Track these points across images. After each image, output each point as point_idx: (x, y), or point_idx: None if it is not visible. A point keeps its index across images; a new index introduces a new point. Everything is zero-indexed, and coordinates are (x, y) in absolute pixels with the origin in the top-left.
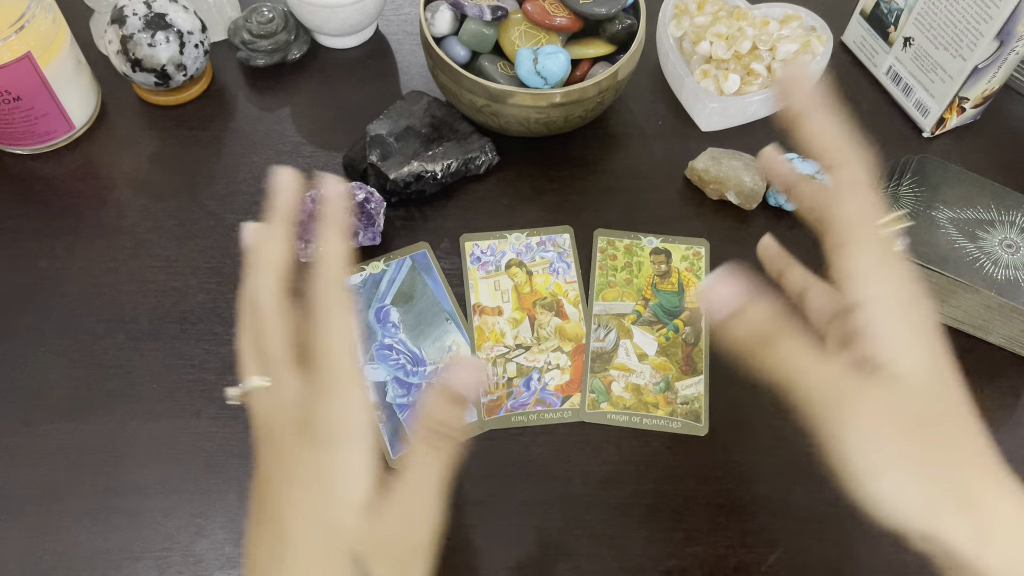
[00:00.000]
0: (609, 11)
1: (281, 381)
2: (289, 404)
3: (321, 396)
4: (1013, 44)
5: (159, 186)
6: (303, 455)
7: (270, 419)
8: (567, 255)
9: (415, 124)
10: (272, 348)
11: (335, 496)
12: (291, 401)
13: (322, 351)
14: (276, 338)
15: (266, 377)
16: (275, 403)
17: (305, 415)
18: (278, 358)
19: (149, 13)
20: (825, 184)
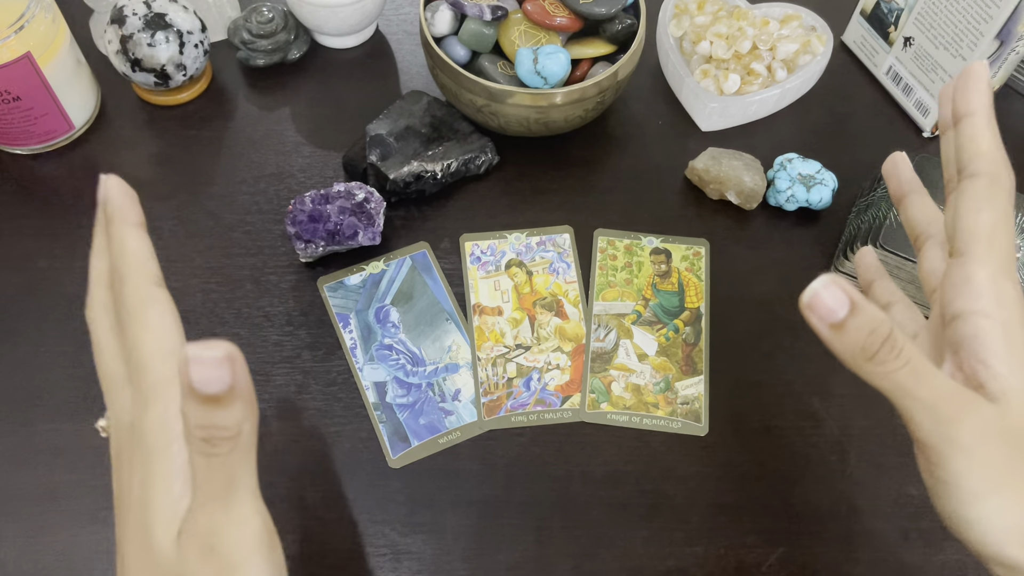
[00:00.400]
0: (609, 11)
1: (115, 400)
2: (117, 424)
3: (138, 406)
4: (1013, 44)
5: (159, 186)
6: (132, 476)
7: (114, 442)
8: (567, 255)
9: (415, 124)
10: (104, 367)
11: (154, 518)
12: (120, 420)
13: (135, 357)
14: (106, 355)
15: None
16: (115, 424)
17: (129, 428)
18: (110, 376)
19: (149, 13)
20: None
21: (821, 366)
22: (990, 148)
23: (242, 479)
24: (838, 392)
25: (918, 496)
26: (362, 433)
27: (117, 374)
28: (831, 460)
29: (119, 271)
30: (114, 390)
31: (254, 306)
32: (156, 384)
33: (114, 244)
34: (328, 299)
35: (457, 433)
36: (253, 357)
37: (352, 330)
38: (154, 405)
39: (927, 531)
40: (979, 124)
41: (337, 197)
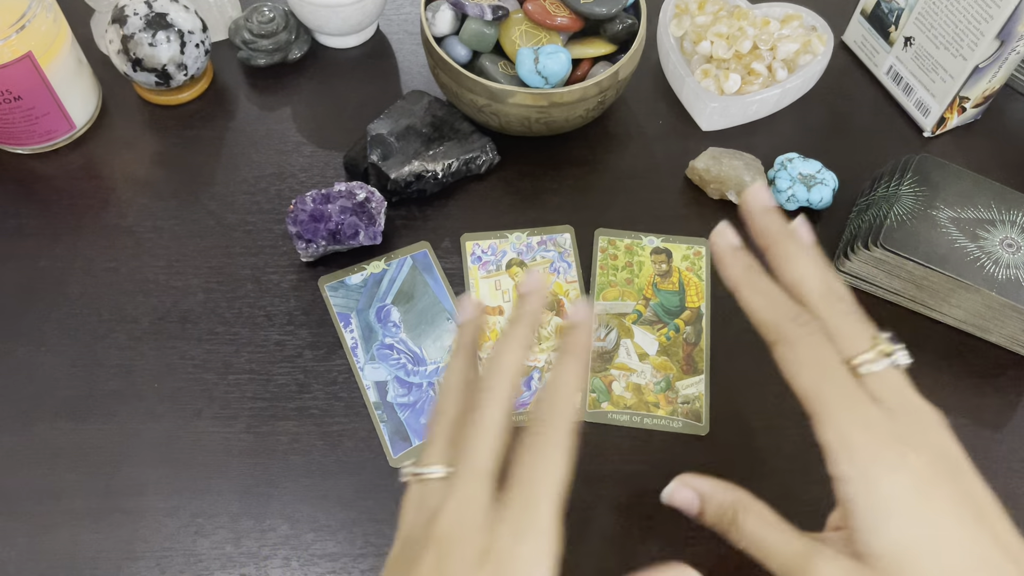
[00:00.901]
0: (610, 11)
1: (473, 493)
2: (473, 521)
3: (514, 532)
4: (1014, 44)
5: (160, 186)
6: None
7: (443, 524)
8: (568, 255)
9: (416, 124)
10: (478, 457)
11: None
12: (476, 519)
13: (527, 484)
14: (485, 448)
15: (451, 470)
16: (456, 511)
17: (488, 542)
18: (482, 468)
19: (150, 13)
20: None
21: None
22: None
23: None
24: None
25: None
26: (363, 432)
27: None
28: None
29: (552, 402)
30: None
31: (255, 305)
32: (538, 520)
33: (561, 375)
34: (329, 298)
35: None
36: (254, 357)
37: (353, 329)
38: (529, 543)
39: None
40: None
41: (338, 197)
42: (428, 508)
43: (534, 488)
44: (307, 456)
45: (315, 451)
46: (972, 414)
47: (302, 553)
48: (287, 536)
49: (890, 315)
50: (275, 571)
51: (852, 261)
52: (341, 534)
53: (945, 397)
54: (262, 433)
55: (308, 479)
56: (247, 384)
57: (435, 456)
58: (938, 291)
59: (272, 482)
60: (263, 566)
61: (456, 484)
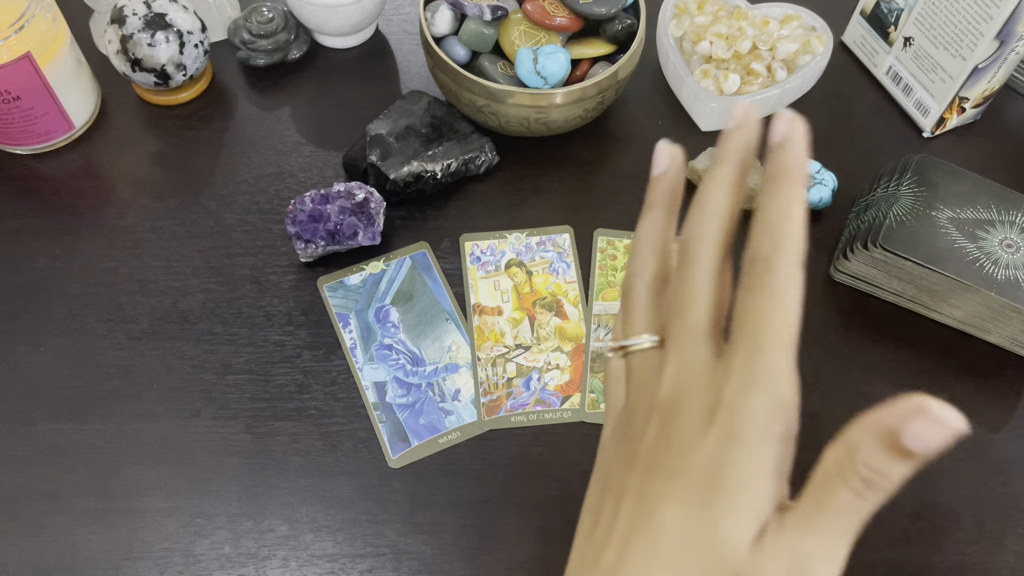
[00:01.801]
0: (609, 11)
1: (693, 352)
2: (698, 380)
3: (747, 385)
4: (1013, 44)
5: (159, 186)
6: (703, 445)
7: (664, 389)
8: (567, 255)
9: (415, 124)
10: (695, 314)
11: (735, 505)
12: (702, 378)
13: (757, 330)
14: (702, 303)
15: (656, 339)
16: (677, 373)
17: (715, 400)
18: (697, 326)
19: (149, 13)
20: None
21: (821, 366)
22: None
23: (857, 526)
24: (838, 392)
25: (918, 496)
26: (362, 433)
27: (706, 325)
28: None
29: (775, 234)
30: (695, 340)
31: (254, 306)
32: (771, 373)
33: (778, 202)
34: (328, 299)
35: (457, 433)
36: (253, 357)
37: (352, 330)
38: (762, 393)
39: (927, 531)
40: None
41: (337, 197)
42: (642, 379)
43: (765, 333)
44: (306, 457)
45: (314, 452)
46: (972, 414)
47: (301, 554)
48: (286, 536)
49: (889, 316)
50: (274, 571)
51: (851, 261)
52: (340, 535)
53: (945, 397)
54: (261, 433)
55: (307, 479)
56: (246, 384)
57: (639, 325)
58: (937, 291)
59: (271, 482)
60: (262, 567)
61: (673, 346)
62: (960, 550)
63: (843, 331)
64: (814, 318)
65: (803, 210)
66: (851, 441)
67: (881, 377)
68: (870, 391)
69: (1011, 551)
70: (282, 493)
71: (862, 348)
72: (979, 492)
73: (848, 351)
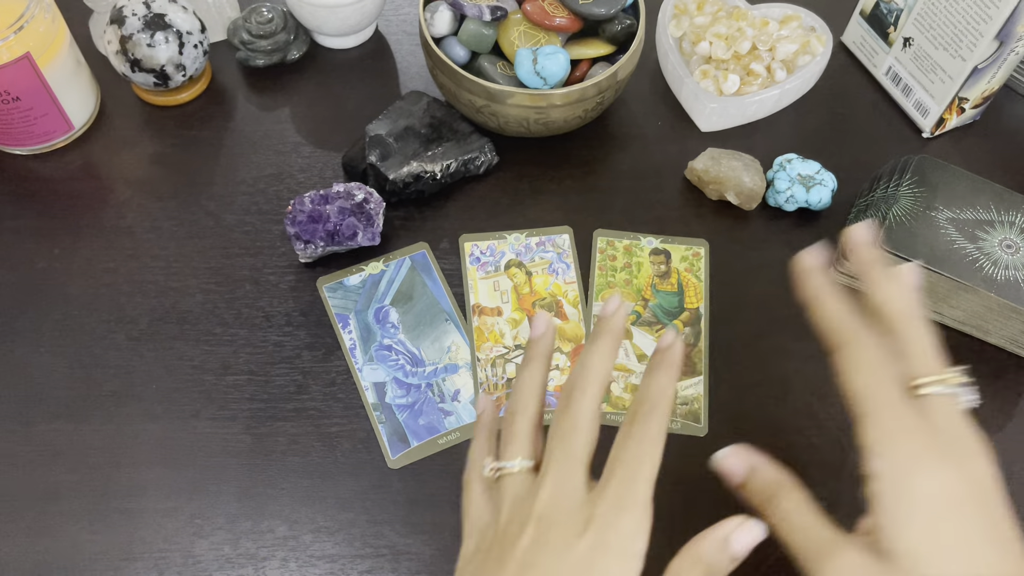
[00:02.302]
0: (609, 11)
1: (571, 475)
2: (573, 499)
3: (619, 507)
4: (1013, 44)
5: (159, 186)
6: (578, 549)
7: (542, 503)
8: (566, 255)
9: (414, 124)
10: (576, 445)
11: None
12: (577, 497)
13: (628, 465)
14: (582, 438)
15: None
16: (555, 491)
17: (589, 515)
18: (577, 455)
19: (148, 13)
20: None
21: (821, 366)
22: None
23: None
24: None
25: None
26: (361, 433)
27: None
28: (831, 460)
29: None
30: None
31: (254, 306)
32: (638, 502)
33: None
34: (327, 299)
35: (456, 433)
36: (252, 357)
37: (351, 330)
38: (630, 515)
39: None
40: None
41: (336, 197)
42: (517, 495)
43: (635, 469)
44: (305, 457)
45: (313, 452)
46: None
47: (300, 554)
48: (285, 537)
49: None
50: (273, 572)
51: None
52: (339, 535)
53: None
54: (260, 434)
55: (306, 480)
56: (245, 385)
57: (520, 451)
58: (937, 292)
59: (270, 483)
60: (261, 567)
61: (553, 469)
62: None
63: None
64: None
65: (674, 388)
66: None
67: None
68: None
69: None
70: (281, 494)
71: None
72: None
73: None
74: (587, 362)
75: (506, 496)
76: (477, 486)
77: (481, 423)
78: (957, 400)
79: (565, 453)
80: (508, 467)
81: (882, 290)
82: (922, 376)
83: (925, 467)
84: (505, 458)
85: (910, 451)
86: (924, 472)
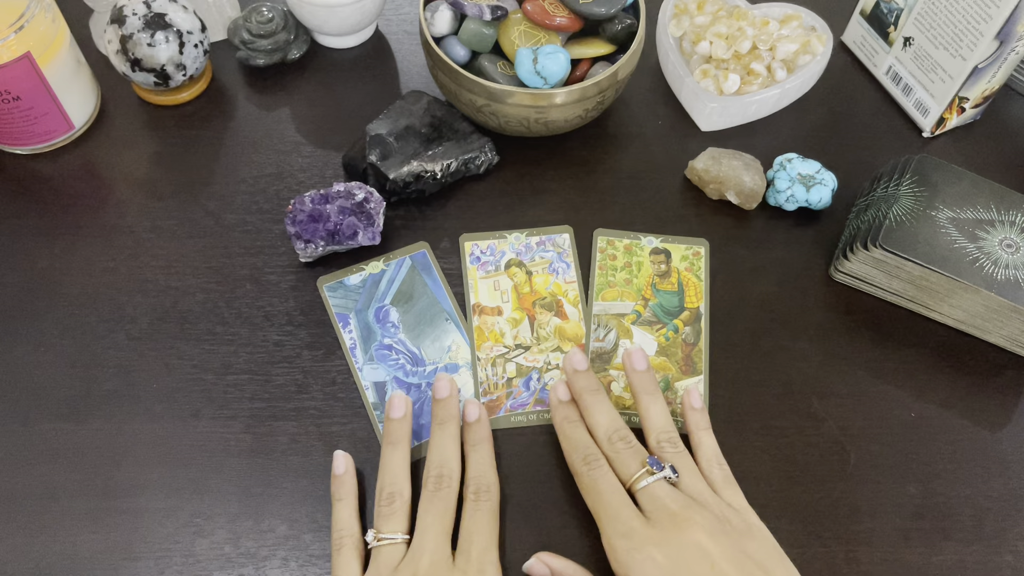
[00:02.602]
0: (609, 11)
1: (443, 547)
2: (444, 567)
3: (478, 571)
4: (1013, 44)
5: (159, 186)
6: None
7: (423, 572)
8: (567, 255)
9: (415, 124)
10: (445, 524)
11: None
12: (447, 565)
13: (483, 535)
14: (451, 519)
15: (407, 536)
16: (432, 562)
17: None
18: (447, 531)
19: (148, 13)
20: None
21: (821, 366)
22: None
23: None
24: (838, 392)
25: (918, 496)
26: (361, 433)
27: (449, 528)
28: (831, 460)
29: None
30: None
31: (254, 306)
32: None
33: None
34: (328, 299)
35: None
36: (252, 357)
37: (352, 330)
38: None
39: (927, 531)
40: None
41: (337, 197)
42: (392, 560)
43: (487, 537)
44: (306, 457)
45: (314, 452)
46: (972, 414)
47: (300, 554)
48: (286, 536)
49: (889, 316)
50: (273, 571)
51: (851, 261)
52: None
53: (944, 397)
54: (261, 433)
55: (307, 479)
56: (246, 384)
57: (398, 526)
58: (937, 291)
59: (271, 482)
60: (261, 567)
61: (430, 541)
62: (960, 550)
63: (843, 331)
64: (814, 318)
65: (492, 461)
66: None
67: (881, 377)
68: (870, 391)
69: (1011, 551)
70: (282, 493)
71: (862, 348)
72: (979, 492)
73: (848, 351)
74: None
75: (385, 563)
76: (350, 552)
77: (346, 488)
78: (668, 479)
79: (439, 528)
80: (391, 539)
81: (588, 418)
82: (630, 477)
83: (639, 560)
84: (387, 531)
85: (627, 550)
86: (639, 564)
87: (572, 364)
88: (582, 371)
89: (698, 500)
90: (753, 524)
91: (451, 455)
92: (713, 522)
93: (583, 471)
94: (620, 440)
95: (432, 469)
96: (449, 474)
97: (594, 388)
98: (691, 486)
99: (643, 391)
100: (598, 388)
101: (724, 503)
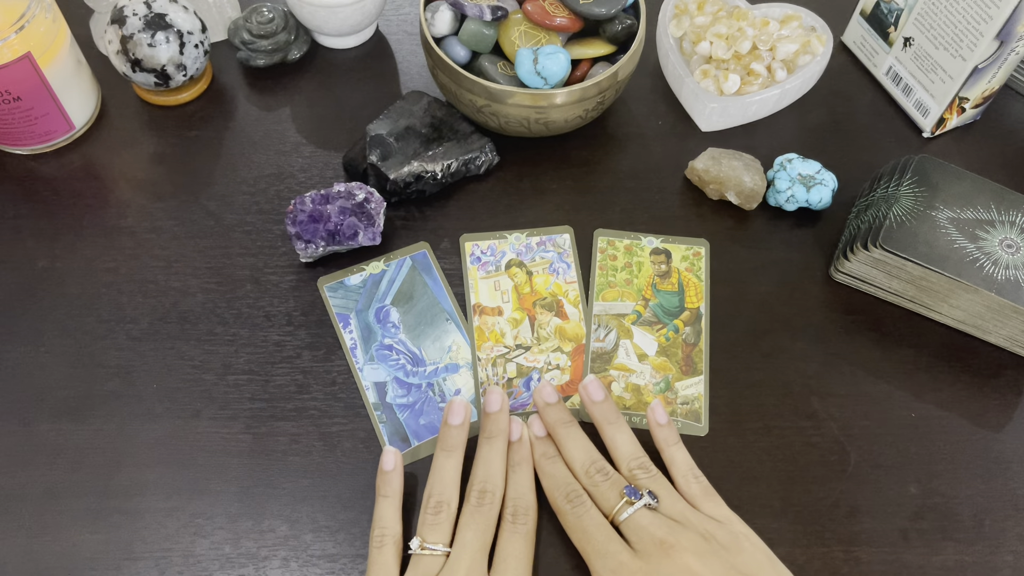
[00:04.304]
0: (609, 11)
1: (480, 564)
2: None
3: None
4: (1013, 44)
5: (159, 186)
6: None
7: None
8: (567, 255)
9: (415, 124)
10: (486, 538)
11: None
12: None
13: (519, 560)
14: (491, 534)
15: (448, 549)
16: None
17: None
18: (486, 547)
19: (149, 13)
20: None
21: (821, 366)
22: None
23: None
24: (838, 392)
25: (918, 496)
26: (362, 433)
27: (488, 546)
28: (831, 460)
29: (523, 502)
30: (479, 553)
31: (254, 306)
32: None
33: (522, 480)
34: (328, 299)
35: None
36: (253, 357)
37: (352, 330)
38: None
39: (927, 531)
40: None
41: (337, 197)
42: (430, 574)
43: (524, 561)
44: (306, 457)
45: (314, 452)
46: (971, 414)
47: (301, 554)
48: (286, 537)
49: (889, 316)
50: (274, 572)
51: (851, 262)
52: (340, 535)
53: (944, 397)
54: (261, 434)
55: (307, 480)
56: (246, 385)
57: (440, 539)
58: (937, 292)
59: (271, 483)
60: (262, 567)
61: (467, 557)
62: (960, 550)
63: (843, 331)
64: (814, 318)
65: (532, 483)
66: None
67: (881, 377)
68: (870, 391)
69: (1011, 551)
70: (282, 493)
71: (862, 348)
72: (979, 492)
73: (848, 351)
74: (490, 470)
75: (424, 574)
76: (390, 552)
77: (393, 485)
78: (648, 507)
79: (478, 545)
80: (433, 550)
81: (564, 452)
82: (611, 510)
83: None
84: (430, 542)
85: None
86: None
87: (543, 397)
88: (552, 404)
89: (681, 522)
90: (739, 533)
91: (496, 471)
92: (699, 543)
93: (567, 509)
94: (597, 472)
95: (476, 483)
96: (493, 490)
97: (566, 420)
98: (672, 508)
99: (605, 421)
100: (570, 420)
101: (707, 518)
